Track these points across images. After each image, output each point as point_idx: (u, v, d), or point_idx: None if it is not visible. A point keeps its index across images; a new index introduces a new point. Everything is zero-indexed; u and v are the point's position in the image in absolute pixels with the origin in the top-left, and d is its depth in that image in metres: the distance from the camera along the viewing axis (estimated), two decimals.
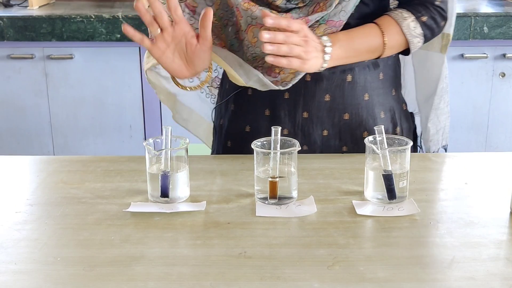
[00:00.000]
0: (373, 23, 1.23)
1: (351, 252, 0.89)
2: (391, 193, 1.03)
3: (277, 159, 1.04)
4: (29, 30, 2.49)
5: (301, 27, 1.11)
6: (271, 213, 1.01)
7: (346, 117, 1.27)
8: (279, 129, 1.05)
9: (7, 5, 2.71)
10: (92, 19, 2.46)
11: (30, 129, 2.66)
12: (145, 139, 1.11)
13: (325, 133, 1.28)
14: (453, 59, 2.55)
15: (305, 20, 1.16)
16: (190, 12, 1.26)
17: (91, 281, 0.82)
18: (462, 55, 2.56)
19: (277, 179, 1.03)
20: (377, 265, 0.86)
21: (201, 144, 1.75)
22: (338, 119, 1.27)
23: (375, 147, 1.04)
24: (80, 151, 2.66)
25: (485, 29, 2.48)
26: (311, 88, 1.25)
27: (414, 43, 1.24)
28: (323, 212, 1.02)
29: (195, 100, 1.52)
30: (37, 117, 2.64)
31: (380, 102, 1.29)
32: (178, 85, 1.25)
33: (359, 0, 1.18)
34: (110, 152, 2.64)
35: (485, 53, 2.56)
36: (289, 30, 1.09)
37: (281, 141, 1.06)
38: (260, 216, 1.00)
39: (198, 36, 1.13)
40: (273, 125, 1.06)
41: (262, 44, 1.08)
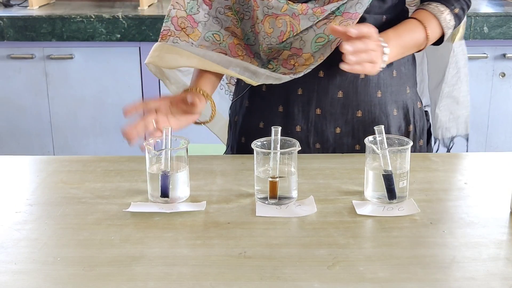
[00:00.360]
0: (413, 18, 1.25)
1: (351, 252, 0.89)
2: (391, 193, 1.03)
3: (277, 159, 1.04)
4: (29, 30, 2.49)
5: (370, 30, 1.11)
6: (271, 213, 1.01)
7: (359, 114, 1.28)
8: (279, 129, 1.06)
9: (7, 5, 2.71)
10: (92, 19, 2.46)
11: (30, 129, 2.66)
12: (145, 139, 1.11)
13: (338, 130, 1.29)
14: None
15: (320, 10, 1.16)
16: (206, 7, 1.26)
17: (91, 281, 0.82)
18: None
19: (277, 179, 1.03)
20: (377, 265, 0.86)
21: (201, 144, 1.75)
22: (351, 116, 1.28)
23: (375, 147, 1.04)
24: (80, 151, 2.66)
25: (485, 29, 2.47)
26: (324, 84, 1.26)
27: (447, 34, 1.27)
28: (323, 212, 1.02)
29: (215, 96, 1.52)
30: (37, 117, 2.64)
31: (393, 99, 1.30)
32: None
33: None
34: (110, 152, 2.64)
35: (485, 53, 2.56)
36: (360, 36, 1.09)
37: (281, 141, 1.06)
38: (260, 216, 1.00)
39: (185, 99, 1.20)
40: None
41: (277, 34, 1.11)
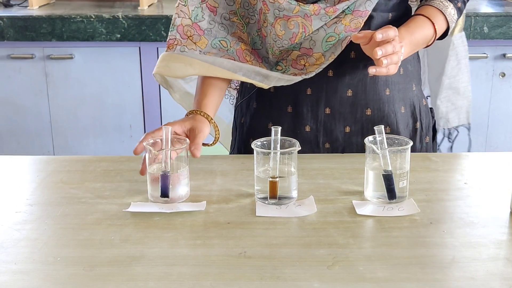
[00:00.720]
0: (420, 14, 1.25)
1: (351, 252, 0.89)
2: (391, 193, 1.03)
3: (277, 159, 1.04)
4: (29, 30, 2.49)
5: (395, 33, 1.13)
6: (271, 213, 1.01)
7: (368, 112, 1.29)
8: (279, 129, 1.06)
9: (7, 5, 2.71)
10: (92, 19, 2.46)
11: (30, 129, 2.66)
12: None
13: (347, 129, 1.29)
14: None
15: (333, 9, 1.17)
16: (210, 13, 1.26)
17: (91, 281, 0.82)
18: None
19: (277, 179, 1.03)
20: (376, 265, 0.86)
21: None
22: (360, 115, 1.29)
23: (375, 147, 1.04)
24: (80, 151, 2.66)
25: (485, 29, 2.47)
26: (334, 83, 1.27)
27: (451, 28, 1.28)
28: (323, 212, 1.02)
29: None
30: (37, 117, 2.64)
31: (400, 97, 1.31)
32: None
33: None
34: (110, 152, 2.64)
35: (485, 53, 2.56)
36: (387, 40, 1.11)
37: (281, 141, 1.06)
38: (260, 216, 1.00)
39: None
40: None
41: (289, 36, 1.12)
